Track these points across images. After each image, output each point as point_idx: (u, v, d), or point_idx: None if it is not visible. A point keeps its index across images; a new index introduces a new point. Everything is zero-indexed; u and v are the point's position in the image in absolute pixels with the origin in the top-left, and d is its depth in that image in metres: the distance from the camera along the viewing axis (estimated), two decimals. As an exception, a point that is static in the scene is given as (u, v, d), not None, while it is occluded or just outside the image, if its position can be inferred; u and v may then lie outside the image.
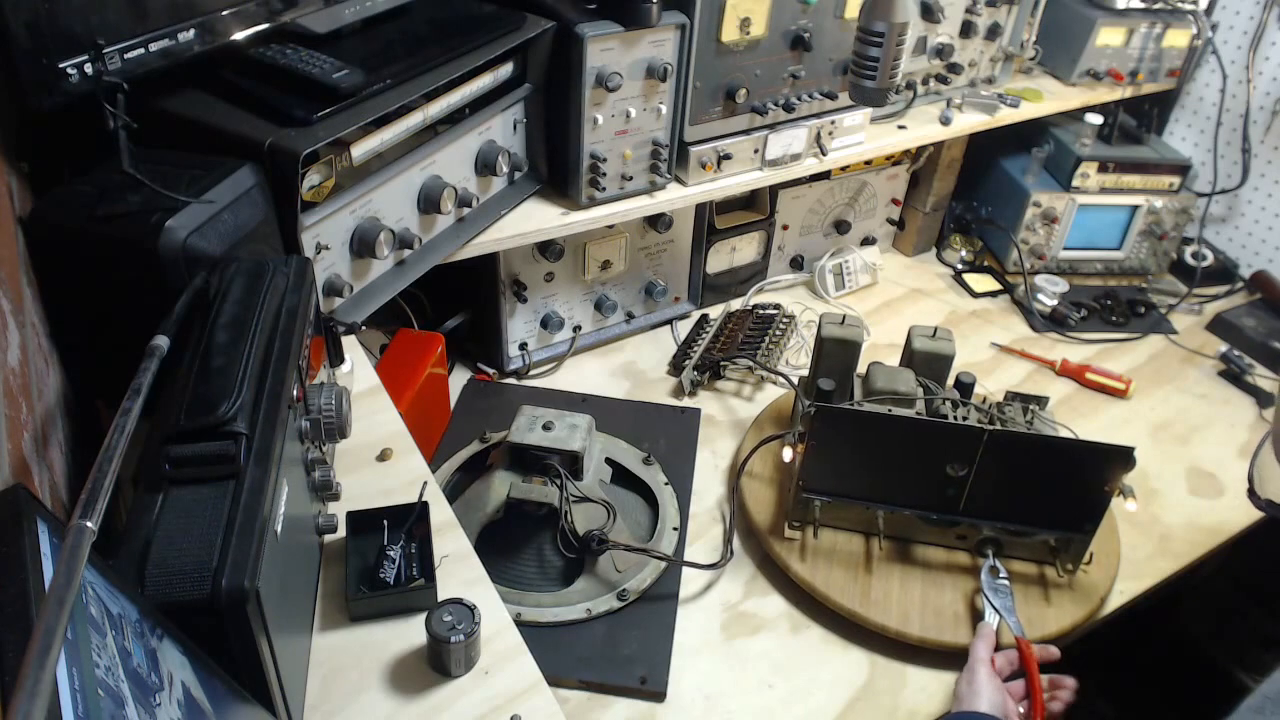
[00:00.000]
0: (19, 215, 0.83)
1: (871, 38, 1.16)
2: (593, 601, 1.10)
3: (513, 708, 0.77)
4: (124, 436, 0.58)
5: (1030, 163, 1.81)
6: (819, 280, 1.74)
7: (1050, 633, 1.11)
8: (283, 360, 0.74)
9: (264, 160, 0.91)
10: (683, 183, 1.42)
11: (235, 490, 0.63)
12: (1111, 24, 1.72)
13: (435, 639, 0.77)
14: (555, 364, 1.53)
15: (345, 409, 0.84)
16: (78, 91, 0.80)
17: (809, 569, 1.17)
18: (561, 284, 1.47)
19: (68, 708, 0.40)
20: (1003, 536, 1.16)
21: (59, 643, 0.38)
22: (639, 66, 1.25)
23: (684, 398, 1.48)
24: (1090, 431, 1.46)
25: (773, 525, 1.22)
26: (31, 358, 0.78)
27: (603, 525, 1.10)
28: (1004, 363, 1.62)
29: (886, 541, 1.20)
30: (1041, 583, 1.17)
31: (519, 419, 1.15)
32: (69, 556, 0.44)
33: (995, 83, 1.74)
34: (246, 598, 0.58)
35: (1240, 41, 1.75)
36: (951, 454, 1.10)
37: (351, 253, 1.08)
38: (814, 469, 1.16)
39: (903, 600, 1.14)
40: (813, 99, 1.44)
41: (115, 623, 0.49)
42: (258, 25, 0.97)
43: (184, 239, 0.81)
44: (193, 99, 0.98)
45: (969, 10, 1.60)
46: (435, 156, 1.15)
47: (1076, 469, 1.09)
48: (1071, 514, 1.12)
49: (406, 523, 0.86)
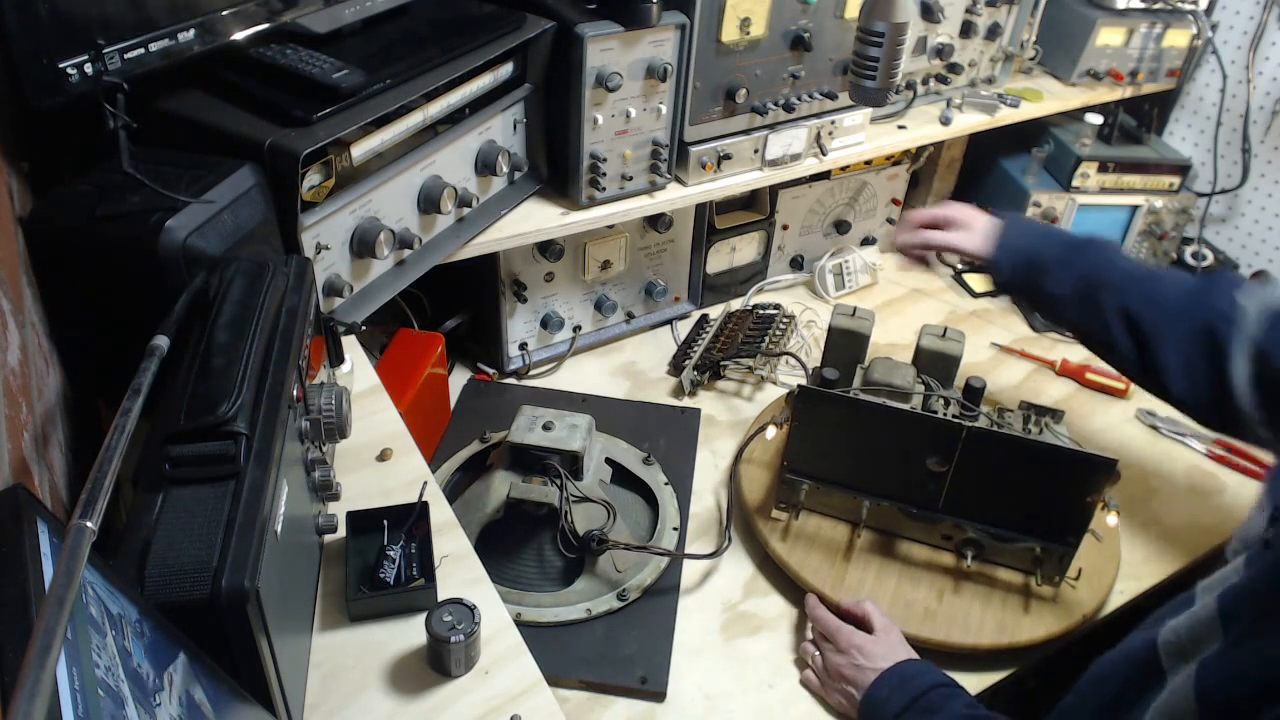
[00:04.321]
0: (19, 215, 0.83)
1: (871, 38, 1.16)
2: (593, 601, 1.10)
3: (513, 708, 0.77)
4: (124, 436, 0.58)
5: (1030, 163, 1.81)
6: (819, 280, 1.74)
7: (1020, 641, 1.10)
8: (283, 360, 0.74)
9: (264, 160, 0.91)
10: (683, 183, 1.42)
11: (235, 490, 0.63)
12: (1111, 24, 1.72)
13: (435, 639, 0.77)
14: (555, 364, 1.53)
15: (345, 409, 0.84)
16: (78, 91, 0.80)
17: (787, 549, 1.18)
18: (561, 284, 1.47)
19: (68, 708, 0.40)
20: (985, 540, 1.16)
21: (59, 643, 0.38)
22: (639, 66, 1.25)
23: (684, 398, 1.48)
24: (1090, 432, 1.47)
25: (761, 505, 1.24)
26: (31, 358, 0.78)
27: (603, 525, 1.11)
28: (1004, 363, 1.62)
29: (871, 535, 1.21)
30: (1024, 592, 1.16)
31: (519, 419, 1.15)
32: (69, 556, 0.44)
33: (995, 83, 1.74)
34: (246, 598, 0.58)
35: (1240, 41, 1.75)
36: (931, 448, 1.10)
37: (351, 253, 1.08)
38: (799, 452, 1.17)
39: (875, 590, 1.15)
40: (813, 99, 1.44)
41: (115, 623, 0.49)
42: (258, 25, 0.97)
43: (184, 239, 0.81)
44: (193, 99, 0.98)
45: (969, 10, 1.60)
46: (435, 156, 1.15)
47: (1058, 476, 1.07)
48: (1054, 523, 1.11)
49: (406, 523, 0.86)
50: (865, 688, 0.99)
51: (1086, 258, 1.15)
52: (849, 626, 1.06)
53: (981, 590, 1.16)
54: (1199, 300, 1.06)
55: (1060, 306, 1.16)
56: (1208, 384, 1.04)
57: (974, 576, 1.17)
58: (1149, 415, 1.50)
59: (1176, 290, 1.09)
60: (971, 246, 1.25)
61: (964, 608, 1.14)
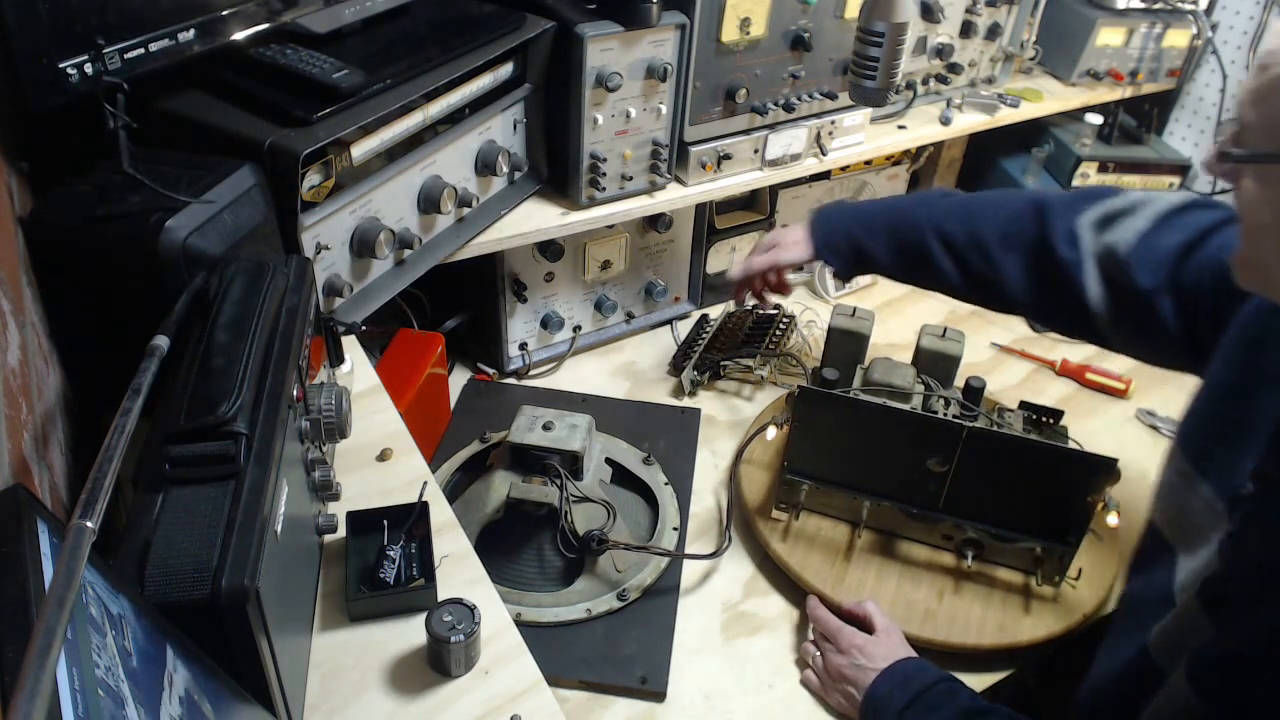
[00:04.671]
0: (19, 215, 0.83)
1: (871, 38, 1.16)
2: (593, 601, 1.10)
3: (513, 708, 0.77)
4: (124, 436, 0.58)
5: (1030, 163, 1.81)
6: (819, 280, 1.74)
7: (1020, 641, 1.10)
8: (283, 360, 0.74)
9: (264, 160, 0.91)
10: (683, 183, 1.42)
11: (235, 490, 0.63)
12: (1111, 24, 1.72)
13: (435, 639, 0.77)
14: (555, 364, 1.53)
15: (345, 409, 0.84)
16: (78, 91, 0.80)
17: (787, 549, 1.18)
18: (561, 284, 1.47)
19: (68, 708, 0.40)
20: (986, 540, 1.16)
21: (59, 643, 0.38)
22: (639, 66, 1.25)
23: (684, 398, 1.48)
24: (1090, 432, 1.46)
25: (762, 505, 1.24)
26: (31, 358, 0.78)
27: (603, 525, 1.10)
28: (1004, 363, 1.61)
29: (871, 535, 1.21)
30: (1025, 592, 1.16)
31: (519, 419, 1.15)
32: (69, 556, 0.44)
33: (995, 83, 1.74)
34: (246, 598, 0.58)
35: (1240, 41, 1.75)
36: (932, 449, 1.10)
37: (351, 253, 1.08)
38: (799, 451, 1.17)
39: (876, 591, 1.15)
40: (813, 99, 1.44)
41: (115, 623, 0.49)
42: (258, 25, 0.97)
43: (184, 239, 0.81)
44: (193, 99, 0.98)
45: (969, 10, 1.60)
46: (435, 156, 1.15)
47: (1058, 476, 1.07)
48: (1054, 523, 1.11)
49: (406, 523, 0.86)
50: (865, 688, 0.99)
51: (896, 212, 1.21)
52: (849, 627, 1.06)
53: (982, 590, 1.16)
54: (1036, 222, 1.10)
55: (894, 266, 1.21)
56: (1052, 294, 1.09)
57: (974, 576, 1.17)
58: (1149, 415, 1.50)
59: (1006, 212, 1.13)
60: (793, 255, 1.28)
61: (964, 608, 1.14)
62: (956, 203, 1.18)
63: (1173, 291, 0.99)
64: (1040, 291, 1.11)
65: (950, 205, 1.18)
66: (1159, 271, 1.00)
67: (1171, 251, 0.99)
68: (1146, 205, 1.04)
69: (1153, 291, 1.00)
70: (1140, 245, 1.01)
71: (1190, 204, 1.03)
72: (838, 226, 1.25)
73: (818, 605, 1.11)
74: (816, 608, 1.11)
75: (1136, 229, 1.02)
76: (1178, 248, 0.99)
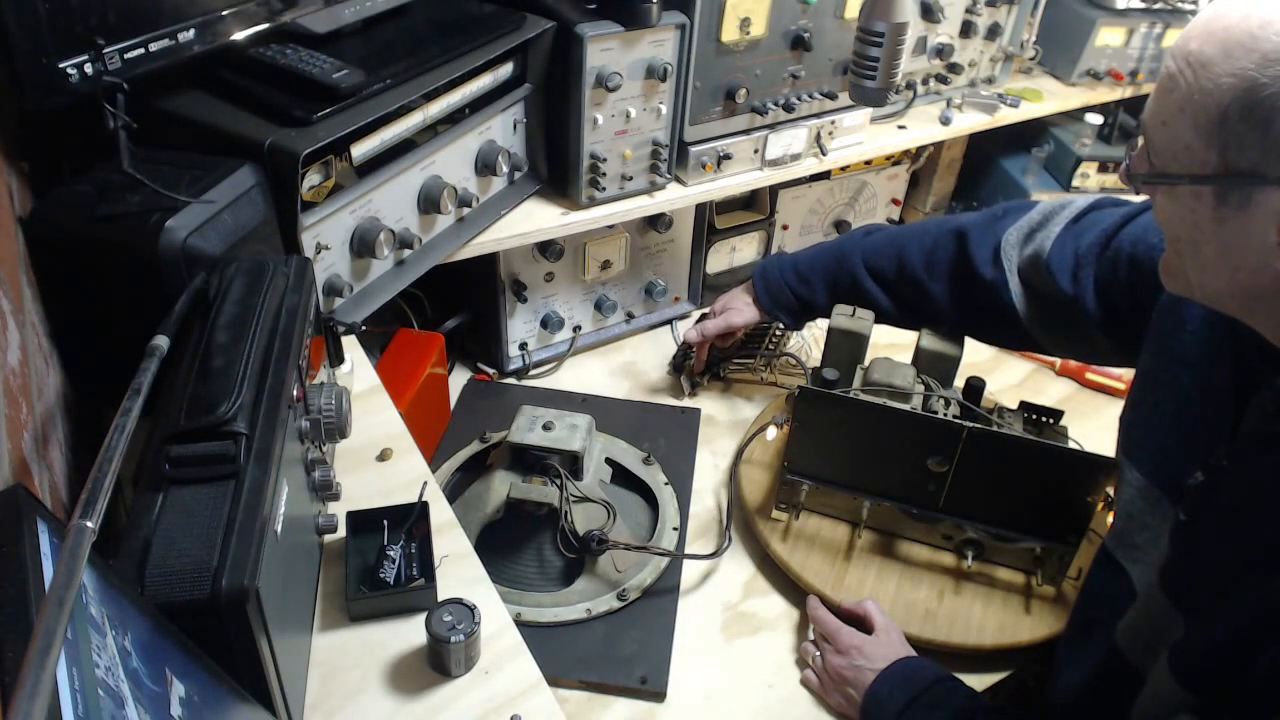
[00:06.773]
0: (19, 215, 0.83)
1: (871, 38, 1.16)
2: (593, 601, 1.10)
3: (513, 708, 0.77)
4: (124, 436, 0.58)
5: (1030, 163, 1.81)
6: (819, 280, 1.74)
7: (1021, 640, 1.10)
8: (283, 360, 0.74)
9: (264, 160, 0.91)
10: (683, 183, 1.42)
11: (235, 490, 0.63)
12: (1111, 24, 1.72)
13: (435, 639, 0.77)
14: (555, 364, 1.53)
15: (345, 409, 0.84)
16: (78, 91, 0.80)
17: (788, 549, 1.18)
18: (561, 284, 1.47)
19: (68, 708, 0.40)
20: (986, 540, 1.16)
21: (59, 643, 0.38)
22: (639, 66, 1.25)
23: (684, 398, 1.48)
24: (1090, 432, 1.46)
25: (762, 505, 1.24)
26: (31, 358, 0.78)
27: (603, 525, 1.10)
28: (1004, 363, 1.61)
29: (871, 535, 1.21)
30: (1025, 592, 1.16)
31: (519, 419, 1.15)
32: (69, 556, 0.44)
33: (995, 83, 1.74)
34: (246, 598, 0.58)
35: (1240, 41, 1.75)
36: (932, 449, 1.10)
37: (351, 253, 1.08)
38: (799, 452, 1.17)
39: (876, 591, 1.15)
40: (813, 99, 1.44)
41: (115, 623, 0.48)
42: (258, 25, 0.97)
43: (184, 239, 0.81)
44: (193, 99, 0.98)
45: (969, 10, 1.60)
46: (435, 156, 1.15)
47: (1058, 476, 1.07)
48: (1055, 523, 1.11)
49: (406, 523, 0.86)
50: (865, 688, 0.99)
51: (828, 256, 1.30)
52: (849, 628, 1.06)
53: (982, 590, 1.16)
54: (958, 247, 1.18)
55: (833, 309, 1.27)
56: (980, 311, 1.18)
57: (974, 576, 1.17)
58: (1149, 415, 1.50)
59: (929, 240, 1.21)
60: (745, 318, 1.37)
61: (965, 608, 1.14)
62: (883, 239, 1.26)
63: (1094, 289, 1.04)
64: (967, 310, 1.19)
65: (877, 242, 1.26)
66: (1078, 272, 1.05)
67: (1085, 253, 1.04)
68: (1060, 212, 1.10)
69: (1075, 293, 1.05)
70: (1057, 251, 1.07)
71: (1098, 204, 1.08)
72: (777, 284, 1.33)
73: (817, 605, 1.11)
74: (816, 608, 1.11)
75: (1052, 236, 1.08)
76: (1090, 247, 1.04)
